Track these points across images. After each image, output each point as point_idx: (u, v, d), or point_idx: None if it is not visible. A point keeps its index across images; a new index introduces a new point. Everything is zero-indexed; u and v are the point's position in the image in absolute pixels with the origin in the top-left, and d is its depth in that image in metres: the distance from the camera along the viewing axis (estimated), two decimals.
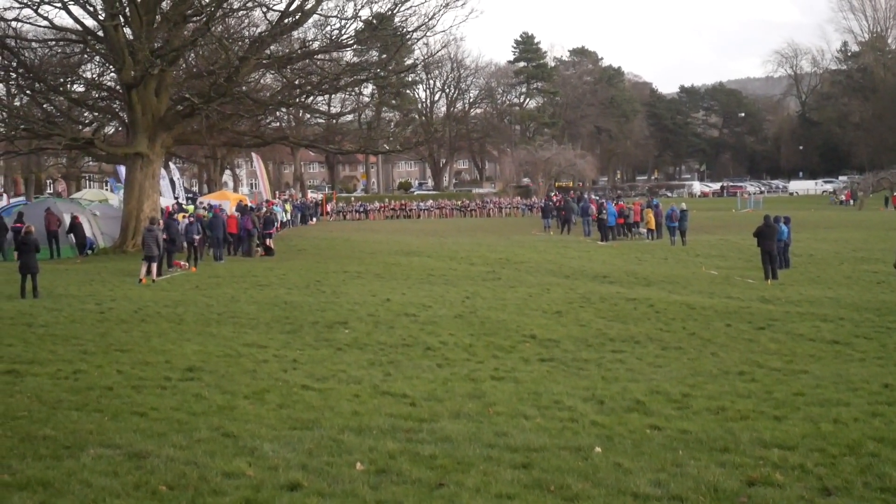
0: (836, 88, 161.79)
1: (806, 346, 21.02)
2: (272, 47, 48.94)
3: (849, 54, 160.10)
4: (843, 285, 34.36)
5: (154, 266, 33.65)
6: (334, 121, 69.19)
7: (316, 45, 50.05)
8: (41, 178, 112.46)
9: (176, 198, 67.55)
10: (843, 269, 39.52)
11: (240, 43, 48.76)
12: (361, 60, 62.61)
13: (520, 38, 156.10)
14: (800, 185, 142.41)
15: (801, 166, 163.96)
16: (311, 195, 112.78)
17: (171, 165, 63.43)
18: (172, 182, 69.08)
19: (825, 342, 21.46)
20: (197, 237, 39.68)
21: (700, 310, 26.56)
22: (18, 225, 41.05)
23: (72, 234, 45.35)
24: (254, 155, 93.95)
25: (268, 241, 45.95)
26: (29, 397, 14.38)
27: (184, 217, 42.62)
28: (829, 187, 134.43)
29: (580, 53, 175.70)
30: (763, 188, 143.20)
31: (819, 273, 38.42)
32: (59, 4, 44.45)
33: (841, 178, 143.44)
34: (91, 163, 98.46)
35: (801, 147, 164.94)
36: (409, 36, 51.87)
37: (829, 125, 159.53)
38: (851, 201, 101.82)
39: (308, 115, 75.30)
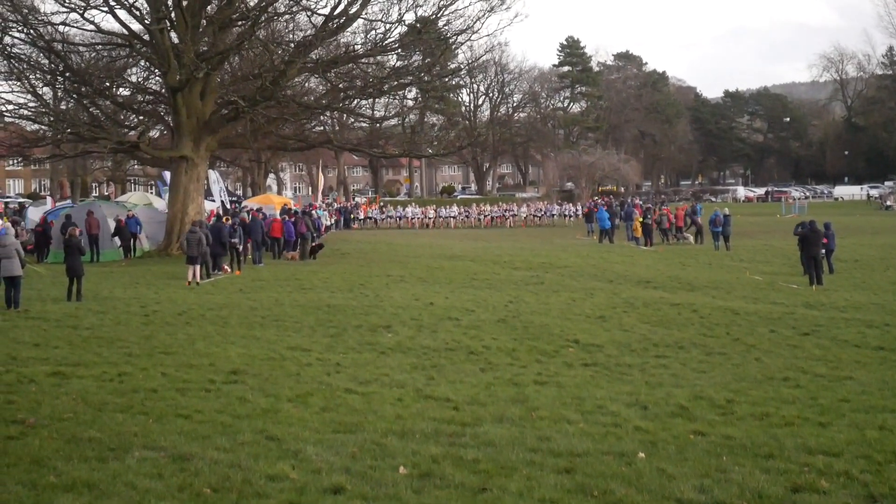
0: (883, 93, 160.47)
1: (851, 352, 20.85)
2: (317, 51, 49.02)
3: (895, 58, 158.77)
4: (888, 291, 34.10)
5: (196, 268, 33.76)
6: (378, 125, 69.15)
7: (360, 49, 50.10)
8: (87, 181, 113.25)
9: (233, 201, 67.78)
10: (889, 275, 39.23)
11: (284, 47, 48.88)
12: (405, 64, 62.67)
13: (564, 43, 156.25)
14: (845, 190, 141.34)
15: (846, 171, 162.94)
16: (354, 199, 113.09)
17: (211, 173, 63.69)
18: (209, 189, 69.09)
19: (870, 348, 21.30)
20: (237, 241, 39.63)
21: (744, 315, 26.44)
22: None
23: (117, 237, 45.60)
24: (313, 167, 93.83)
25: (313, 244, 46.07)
26: (74, 399, 14.48)
27: (227, 220, 42.71)
28: (874, 192, 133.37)
29: (624, 58, 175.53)
30: (808, 193, 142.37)
31: (864, 278, 38.15)
32: (105, 9, 44.67)
33: (887, 182, 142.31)
34: (136, 166, 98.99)
35: (846, 152, 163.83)
36: (453, 40, 51.81)
37: (874, 130, 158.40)
38: None
39: (352, 119, 75.35)
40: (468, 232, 76.40)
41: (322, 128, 70.73)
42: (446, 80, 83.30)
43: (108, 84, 51.65)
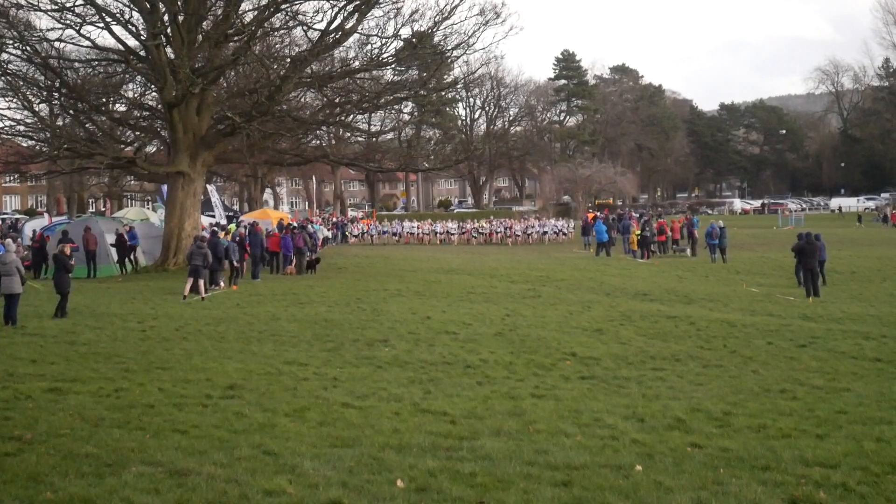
0: (879, 104, 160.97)
1: (848, 363, 20.87)
2: (313, 66, 49.06)
3: (891, 70, 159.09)
4: (885, 303, 34.18)
5: (190, 282, 33.73)
6: (374, 139, 69.16)
7: (356, 63, 50.16)
8: (83, 196, 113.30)
9: (229, 216, 67.58)
10: (886, 287, 39.31)
11: (280, 62, 48.92)
12: (401, 79, 62.69)
13: (560, 56, 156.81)
14: (841, 202, 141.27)
15: (842, 183, 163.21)
16: (350, 213, 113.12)
17: (210, 186, 63.68)
18: (209, 203, 68.78)
19: (867, 360, 21.32)
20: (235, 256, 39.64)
21: (741, 327, 26.45)
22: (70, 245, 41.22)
23: (113, 249, 45.56)
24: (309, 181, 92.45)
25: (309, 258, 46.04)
26: (71, 415, 14.47)
27: (224, 235, 42.68)
28: (871, 204, 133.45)
29: (621, 71, 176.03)
30: (804, 205, 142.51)
31: (861, 290, 38.22)
32: (101, 25, 44.77)
33: (883, 195, 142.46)
34: (133, 182, 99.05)
35: (842, 164, 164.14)
36: (448, 54, 51.83)
37: (871, 142, 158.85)
38: None
39: (348, 134, 75.23)
40: (464, 246, 76.20)
41: (318, 142, 70.68)
42: (442, 94, 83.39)
43: (104, 100, 51.69)
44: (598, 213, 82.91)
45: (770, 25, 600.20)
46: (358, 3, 44.99)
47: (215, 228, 47.60)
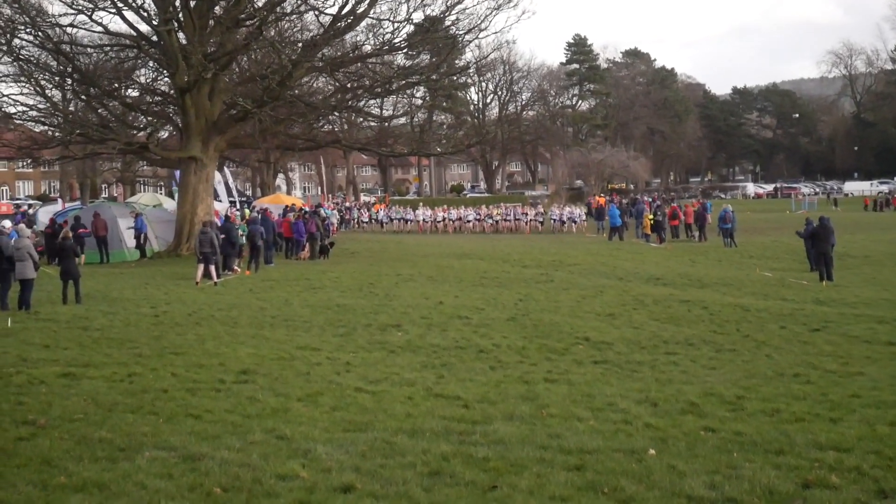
0: (892, 88, 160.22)
1: (861, 347, 20.78)
2: (324, 51, 49.02)
3: None
4: None
5: (201, 268, 33.66)
6: (386, 124, 69.05)
7: (368, 48, 50.11)
8: (96, 182, 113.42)
9: (232, 201, 67.32)
10: None
11: (292, 47, 48.87)
12: (413, 63, 62.52)
13: (572, 40, 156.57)
14: (855, 186, 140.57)
15: (855, 167, 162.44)
16: (363, 198, 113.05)
17: (226, 170, 63.55)
18: (228, 186, 68.54)
19: (881, 344, 21.21)
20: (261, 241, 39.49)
21: (754, 312, 26.38)
22: (82, 231, 41.16)
23: (130, 236, 45.52)
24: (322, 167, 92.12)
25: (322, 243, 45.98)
26: (85, 400, 14.48)
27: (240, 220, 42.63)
28: (884, 188, 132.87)
29: (633, 55, 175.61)
30: (817, 189, 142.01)
31: (875, 274, 38.09)
32: (113, 10, 44.74)
33: None
34: (145, 167, 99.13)
35: (856, 148, 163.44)
36: (460, 38, 51.74)
37: (884, 125, 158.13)
38: None
39: (360, 119, 75.09)
40: (476, 234, 75.71)
41: (331, 127, 70.60)
42: (454, 78, 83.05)
43: (116, 85, 51.73)
44: (607, 198, 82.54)
45: (780, 10, 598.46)
46: None
47: (228, 214, 47.61)
